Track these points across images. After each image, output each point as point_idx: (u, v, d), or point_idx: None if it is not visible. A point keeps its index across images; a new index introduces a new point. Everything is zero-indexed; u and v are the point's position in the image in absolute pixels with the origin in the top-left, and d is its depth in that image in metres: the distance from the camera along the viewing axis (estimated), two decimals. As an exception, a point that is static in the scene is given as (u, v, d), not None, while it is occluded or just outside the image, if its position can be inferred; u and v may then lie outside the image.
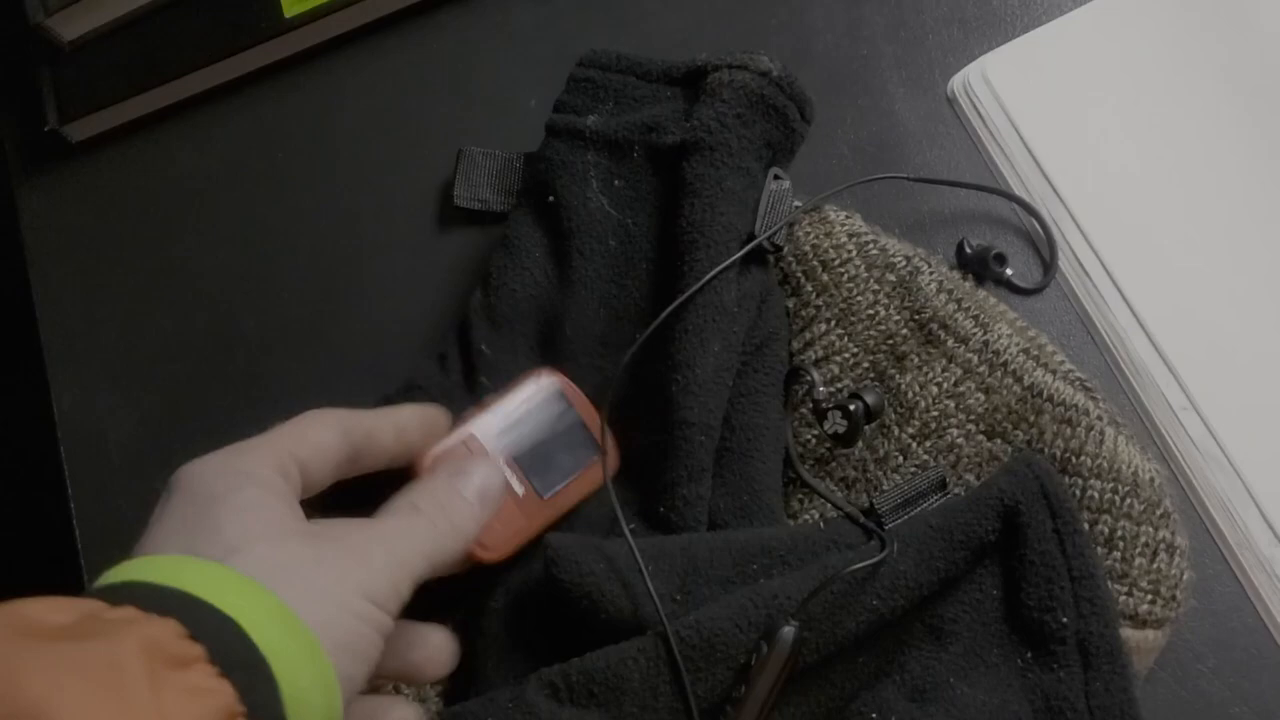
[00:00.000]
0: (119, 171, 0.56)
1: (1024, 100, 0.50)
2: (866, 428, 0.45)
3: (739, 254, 0.45)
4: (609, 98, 0.48)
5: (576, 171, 0.47)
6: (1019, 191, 0.50)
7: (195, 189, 0.55)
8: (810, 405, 0.45)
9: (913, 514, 0.42)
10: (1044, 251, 0.49)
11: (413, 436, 0.42)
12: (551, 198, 0.47)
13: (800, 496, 0.46)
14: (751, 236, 0.45)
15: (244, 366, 0.52)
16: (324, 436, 0.39)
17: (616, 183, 0.47)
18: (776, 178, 0.46)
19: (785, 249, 0.47)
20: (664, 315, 0.44)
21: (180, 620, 0.29)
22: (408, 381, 0.47)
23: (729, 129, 0.45)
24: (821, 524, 0.44)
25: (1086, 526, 0.43)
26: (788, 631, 0.38)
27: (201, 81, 0.56)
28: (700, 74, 0.47)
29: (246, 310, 0.53)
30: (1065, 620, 0.40)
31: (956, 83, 0.51)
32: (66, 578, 0.49)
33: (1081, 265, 0.48)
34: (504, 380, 0.46)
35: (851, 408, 0.44)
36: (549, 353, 0.47)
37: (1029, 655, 0.41)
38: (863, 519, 0.43)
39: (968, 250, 0.49)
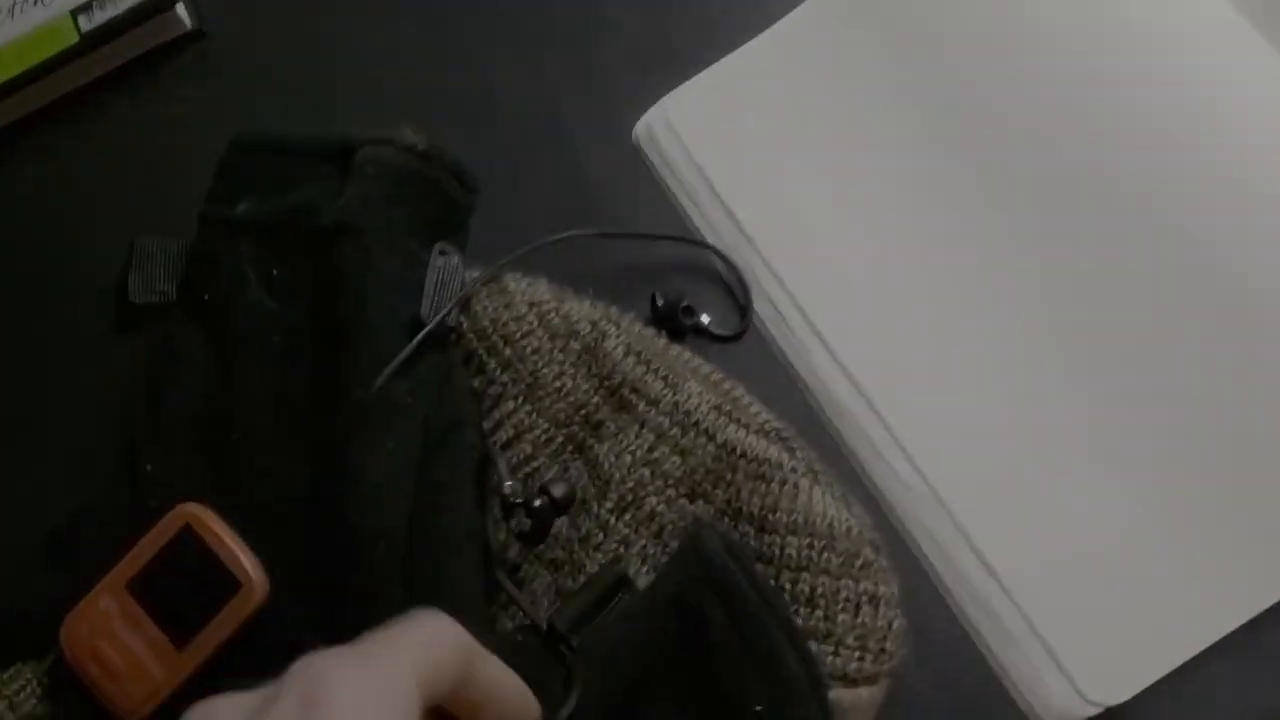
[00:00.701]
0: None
1: (707, 141, 0.48)
2: (560, 519, 0.43)
3: (408, 348, 0.42)
4: (261, 182, 0.45)
5: (232, 264, 0.44)
6: (709, 236, 0.48)
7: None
8: (498, 500, 0.43)
9: (598, 622, 0.40)
10: (739, 297, 0.48)
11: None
12: (206, 295, 0.44)
13: (504, 599, 0.44)
14: (419, 320, 0.43)
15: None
16: (444, 658, 0.31)
17: (274, 272, 0.44)
18: (443, 253, 0.44)
19: (464, 324, 0.45)
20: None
21: None
22: (71, 512, 0.44)
23: (376, 210, 0.42)
24: (518, 637, 0.41)
25: (788, 588, 0.41)
26: None
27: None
28: (348, 151, 0.44)
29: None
30: (759, 709, 0.38)
31: (641, 128, 0.50)
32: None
33: (776, 309, 0.47)
34: (173, 499, 0.42)
35: (537, 503, 0.42)
36: (219, 461, 0.44)
37: None
38: (548, 638, 0.40)
39: (659, 304, 0.47)
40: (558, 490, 0.42)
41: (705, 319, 0.47)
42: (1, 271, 0.51)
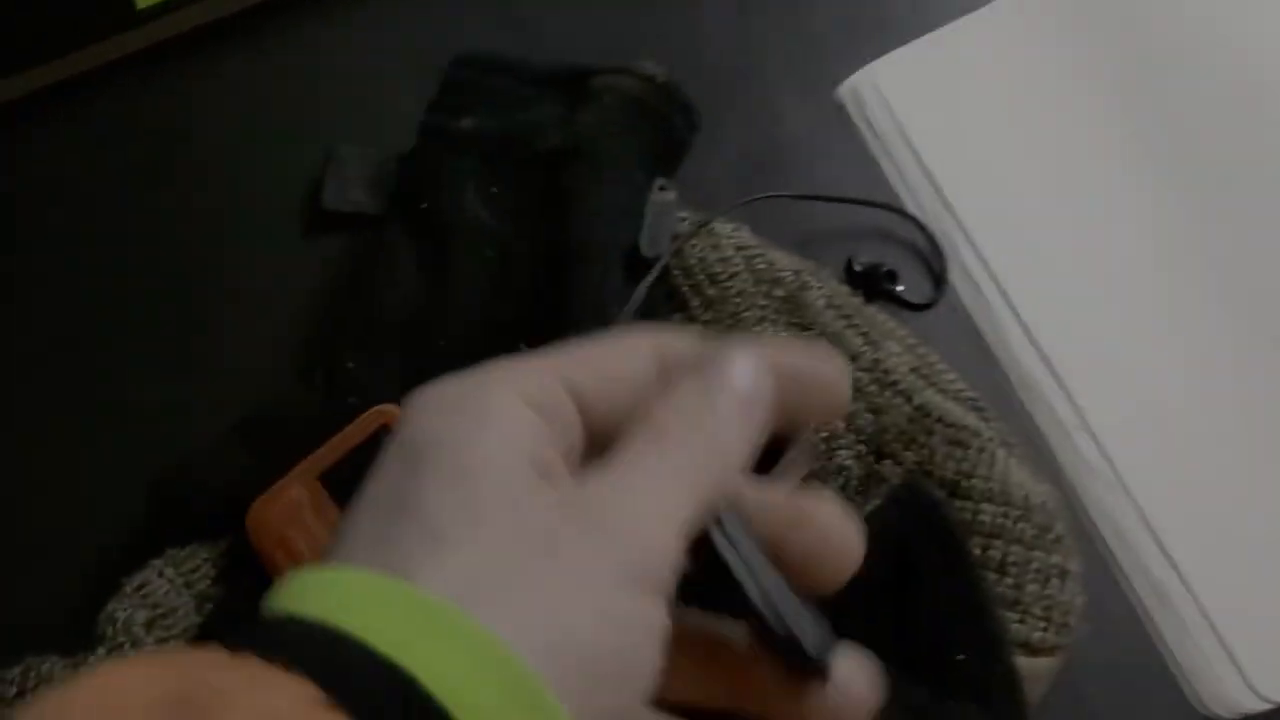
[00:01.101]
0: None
1: (915, 108, 0.49)
2: None
3: (647, 279, 0.42)
4: (486, 100, 0.46)
5: (451, 177, 0.45)
6: (909, 202, 0.48)
7: (33, 194, 0.51)
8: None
9: None
10: (934, 266, 0.48)
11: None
12: (425, 204, 0.45)
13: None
14: (636, 249, 0.43)
15: (88, 388, 0.48)
16: (626, 362, 0.27)
17: (493, 189, 0.45)
18: (661, 189, 0.44)
19: (671, 263, 0.45)
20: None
21: (320, 679, 0.19)
22: (267, 402, 0.44)
23: (611, 136, 0.43)
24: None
25: (979, 553, 0.41)
26: None
27: (43, 77, 0.52)
28: (582, 78, 0.44)
29: (89, 327, 0.49)
30: (961, 658, 0.39)
31: (846, 90, 0.50)
32: None
33: (973, 280, 0.47)
34: (373, 399, 0.43)
35: None
36: (420, 369, 0.44)
37: (925, 693, 0.39)
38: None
39: (856, 267, 0.47)
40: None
41: (899, 286, 0.47)
42: (200, 170, 0.51)
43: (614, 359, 0.27)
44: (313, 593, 0.22)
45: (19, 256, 0.50)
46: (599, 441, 0.27)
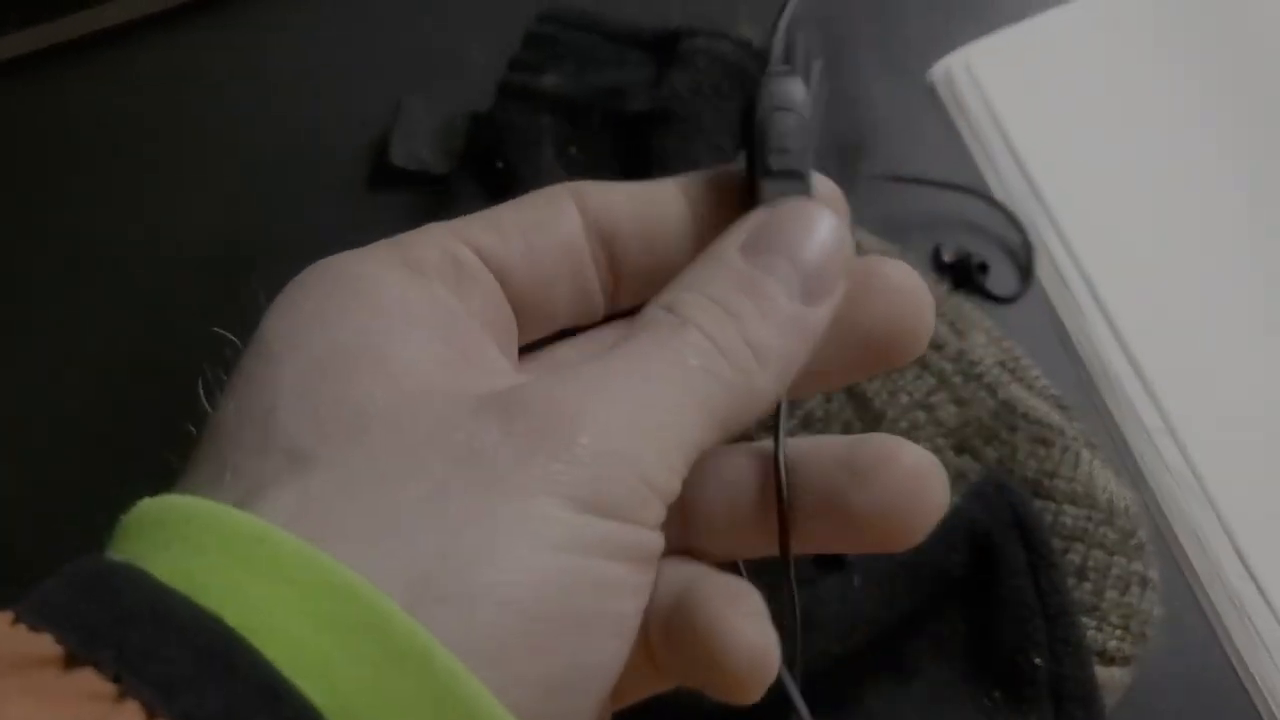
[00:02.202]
0: (12, 112, 0.50)
1: (1009, 95, 0.47)
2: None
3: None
4: (570, 57, 0.44)
5: (530, 135, 0.43)
6: (997, 189, 0.47)
7: (91, 138, 0.49)
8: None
9: None
10: (1021, 258, 0.46)
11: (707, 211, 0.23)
12: (500, 163, 0.43)
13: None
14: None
15: (138, 341, 0.47)
16: (549, 211, 0.23)
17: (573, 150, 0.43)
18: (748, 158, 0.43)
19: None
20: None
21: (90, 652, 0.15)
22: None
23: (703, 101, 0.41)
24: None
25: (1059, 556, 0.40)
26: None
27: (103, 17, 0.50)
28: (673, 39, 0.43)
29: (144, 278, 0.47)
30: (1038, 661, 0.37)
31: (938, 72, 0.48)
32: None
33: (1060, 274, 0.46)
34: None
35: None
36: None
37: (997, 695, 0.38)
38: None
39: (945, 257, 0.46)
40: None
41: (987, 279, 0.46)
42: (264, 120, 0.50)
43: (529, 216, 0.23)
44: (130, 529, 0.18)
45: (53, 211, 0.49)
46: (531, 325, 0.22)
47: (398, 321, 0.20)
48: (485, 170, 0.44)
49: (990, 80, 0.47)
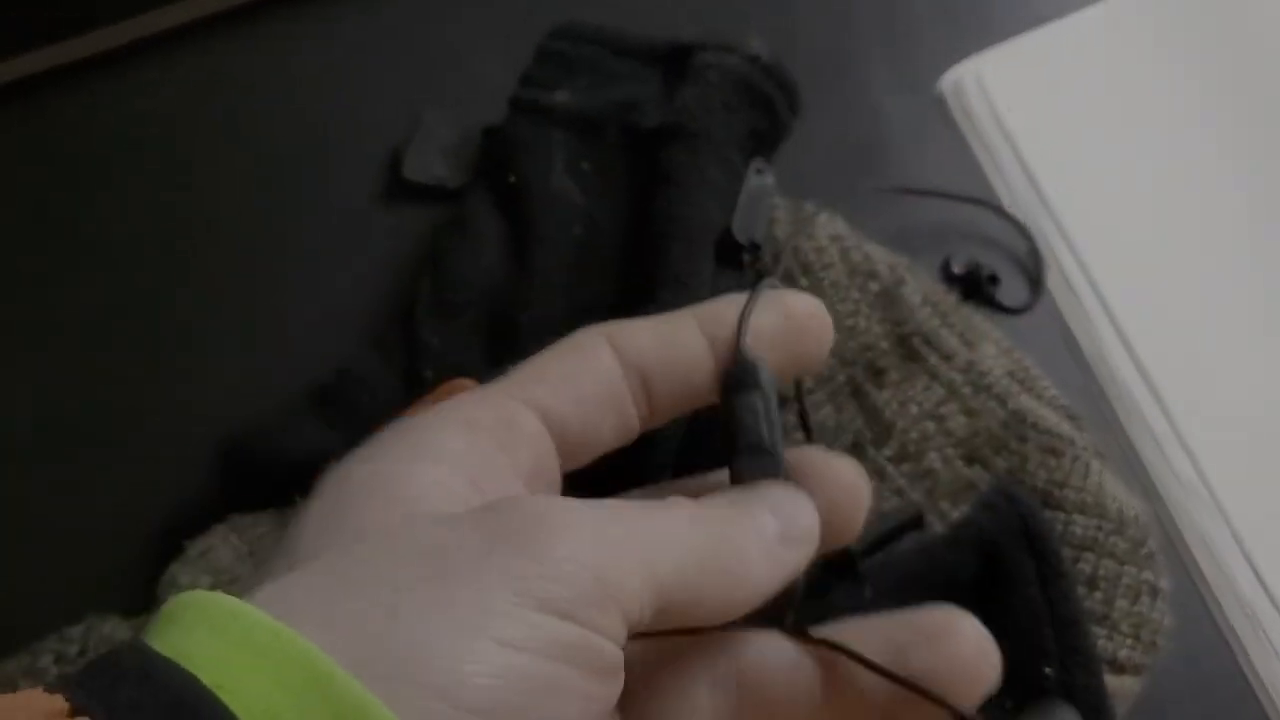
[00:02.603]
0: (26, 128, 0.51)
1: (1018, 105, 0.47)
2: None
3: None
4: (581, 73, 0.44)
5: (541, 151, 0.44)
6: (1007, 200, 0.47)
7: (113, 150, 0.50)
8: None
9: (888, 553, 0.39)
10: (1031, 269, 0.47)
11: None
12: (512, 178, 0.43)
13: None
14: (728, 232, 0.42)
15: (159, 349, 0.47)
16: (587, 368, 0.26)
17: (584, 165, 0.43)
18: (759, 171, 0.43)
19: (763, 249, 0.44)
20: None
21: (80, 691, 0.18)
22: (340, 371, 0.43)
23: (713, 115, 0.41)
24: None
25: (1069, 566, 0.40)
26: None
27: (127, 32, 0.51)
28: (684, 53, 0.43)
29: (163, 287, 0.48)
30: (1049, 671, 0.37)
31: (947, 83, 0.49)
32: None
33: (1070, 285, 0.46)
34: (449, 372, 0.42)
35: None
36: (502, 347, 0.43)
37: (1009, 705, 0.38)
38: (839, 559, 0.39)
39: (955, 268, 0.46)
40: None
41: (997, 290, 0.46)
42: (281, 133, 0.50)
43: (573, 365, 0.26)
44: (158, 618, 0.20)
45: (76, 223, 0.49)
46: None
47: (428, 463, 0.23)
48: (498, 184, 0.44)
49: (999, 91, 0.47)
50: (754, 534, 0.24)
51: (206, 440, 0.44)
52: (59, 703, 0.17)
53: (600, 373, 0.26)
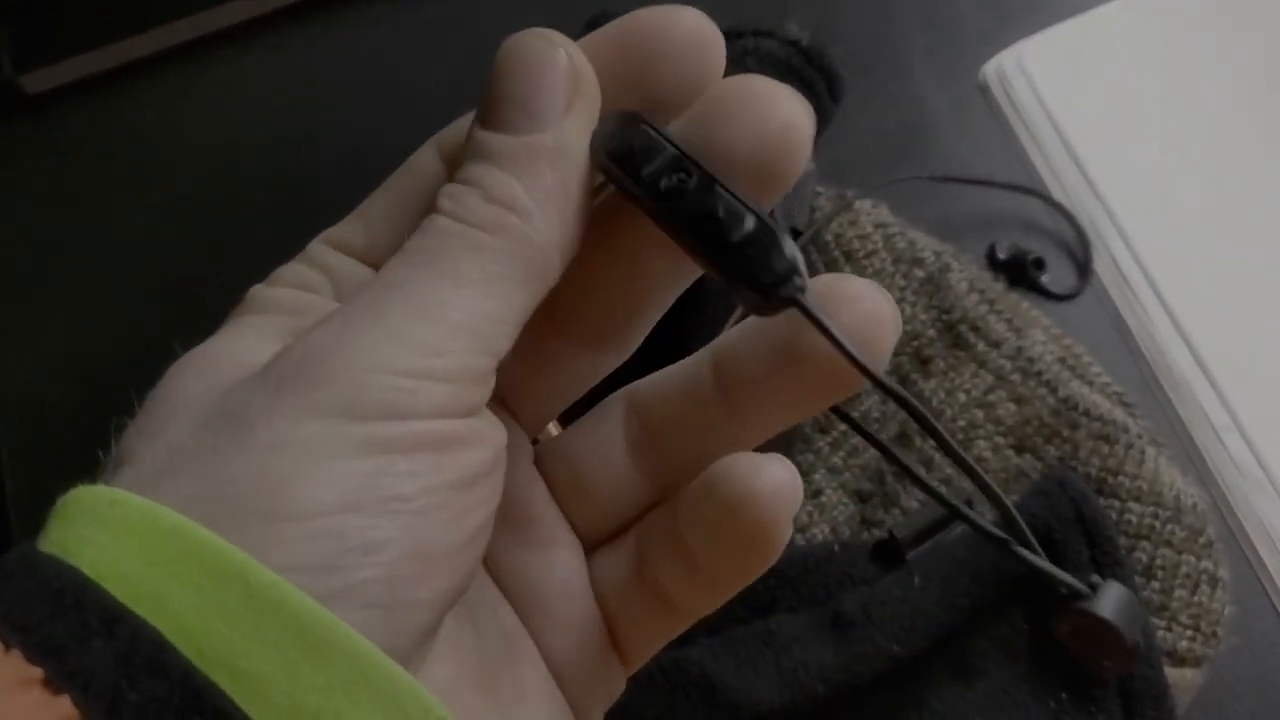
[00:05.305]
0: (78, 128, 0.51)
1: (1062, 91, 0.47)
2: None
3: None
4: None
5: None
6: (1053, 187, 0.46)
7: (161, 151, 0.51)
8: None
9: (935, 542, 0.38)
10: (1078, 255, 0.46)
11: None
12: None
13: (809, 508, 0.42)
14: (770, 216, 0.41)
15: (209, 330, 0.47)
16: (404, 178, 0.24)
17: (624, 154, 0.43)
18: (800, 158, 0.43)
19: (805, 235, 0.43)
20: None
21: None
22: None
23: (753, 101, 0.41)
24: (836, 547, 0.40)
25: (1125, 554, 0.39)
26: None
27: (175, 35, 0.51)
28: (723, 39, 0.43)
29: (210, 282, 0.48)
30: (1106, 662, 0.36)
31: (990, 70, 0.48)
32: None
33: (1120, 270, 0.45)
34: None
35: None
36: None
37: (1064, 696, 0.37)
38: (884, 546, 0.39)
39: (1000, 254, 0.45)
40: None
41: (1044, 276, 0.45)
42: (324, 135, 0.51)
43: (400, 182, 0.24)
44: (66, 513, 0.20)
45: (126, 220, 0.50)
46: None
47: (248, 334, 0.23)
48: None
49: (1042, 77, 0.47)
50: (517, 165, 0.20)
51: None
52: None
53: (423, 188, 0.23)
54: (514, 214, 0.20)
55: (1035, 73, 0.47)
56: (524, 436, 0.25)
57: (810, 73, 0.42)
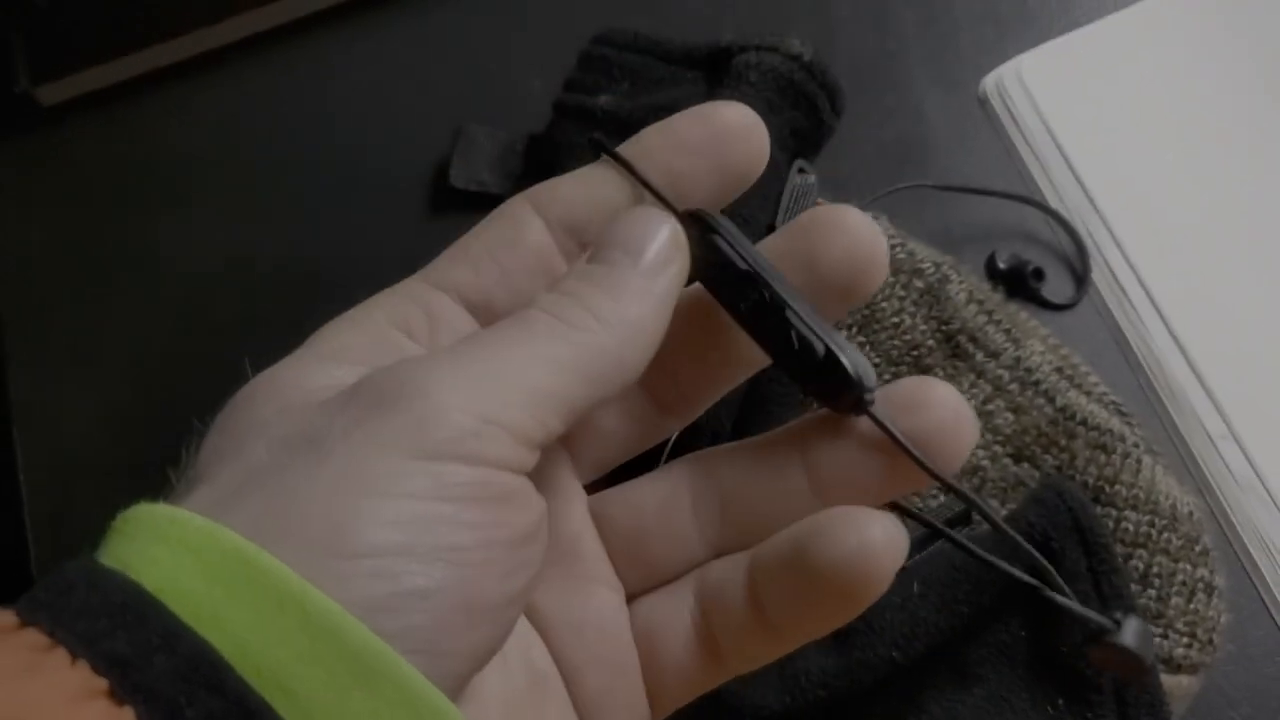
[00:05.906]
0: (92, 141, 0.52)
1: (1061, 104, 0.47)
2: None
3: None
4: (624, 78, 0.45)
5: (584, 154, 0.44)
6: (1051, 199, 0.47)
7: (174, 163, 0.51)
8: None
9: (933, 550, 0.39)
10: (1076, 265, 0.46)
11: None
12: (558, 182, 0.44)
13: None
14: (771, 231, 0.42)
15: (218, 354, 0.48)
16: (512, 225, 0.25)
17: (628, 169, 0.44)
18: (801, 171, 0.43)
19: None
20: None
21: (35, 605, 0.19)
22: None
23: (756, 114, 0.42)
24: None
25: (1121, 562, 0.40)
26: None
27: (187, 48, 0.52)
28: (725, 55, 0.43)
29: (223, 294, 0.49)
30: (1119, 677, 0.37)
31: (989, 83, 0.49)
32: (13, 578, 0.45)
33: (1117, 281, 0.45)
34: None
35: None
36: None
37: (1060, 702, 0.38)
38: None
39: (1000, 264, 0.46)
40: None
41: (1043, 286, 0.46)
42: (333, 145, 0.51)
43: (495, 237, 0.25)
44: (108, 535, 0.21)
45: (140, 233, 0.50)
46: None
47: (326, 362, 0.23)
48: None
49: (1042, 89, 0.47)
50: (612, 290, 0.23)
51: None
52: (8, 618, 0.18)
53: (524, 239, 0.25)
54: (597, 321, 0.22)
55: (1034, 86, 0.47)
56: (576, 479, 0.27)
57: (812, 87, 0.42)
